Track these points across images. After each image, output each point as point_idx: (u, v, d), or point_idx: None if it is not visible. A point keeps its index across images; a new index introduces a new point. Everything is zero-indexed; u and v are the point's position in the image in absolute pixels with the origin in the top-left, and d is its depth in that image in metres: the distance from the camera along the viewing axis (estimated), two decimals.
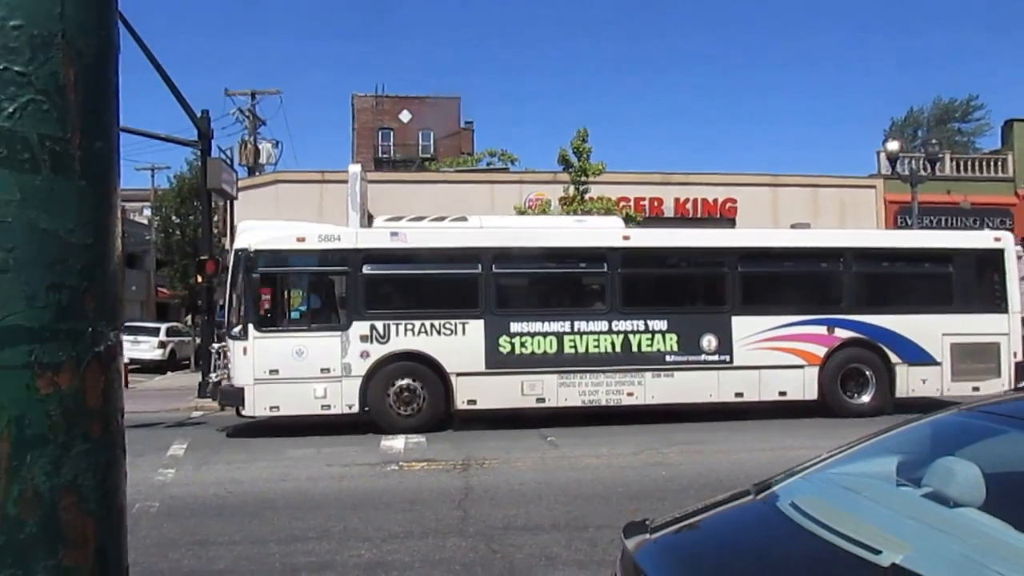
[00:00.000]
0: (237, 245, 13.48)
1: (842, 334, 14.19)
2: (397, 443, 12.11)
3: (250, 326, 12.73)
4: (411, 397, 13.09)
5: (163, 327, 32.21)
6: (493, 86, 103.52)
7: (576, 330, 13.57)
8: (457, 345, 13.18)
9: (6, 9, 0.85)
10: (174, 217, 39.89)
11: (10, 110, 0.86)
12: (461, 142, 55.10)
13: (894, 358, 14.24)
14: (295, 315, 13.97)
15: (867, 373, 14.23)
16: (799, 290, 14.88)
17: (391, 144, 55.42)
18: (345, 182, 14.68)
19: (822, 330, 14.16)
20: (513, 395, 13.41)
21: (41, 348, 0.87)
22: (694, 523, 3.47)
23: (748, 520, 3.44)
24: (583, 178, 23.68)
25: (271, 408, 12.85)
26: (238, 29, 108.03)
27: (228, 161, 24.24)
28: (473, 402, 13.33)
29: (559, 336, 13.49)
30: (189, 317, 36.89)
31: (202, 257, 19.39)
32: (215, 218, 26.38)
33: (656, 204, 29.31)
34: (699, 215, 29.68)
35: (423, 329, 13.15)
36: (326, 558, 6.64)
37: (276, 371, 12.72)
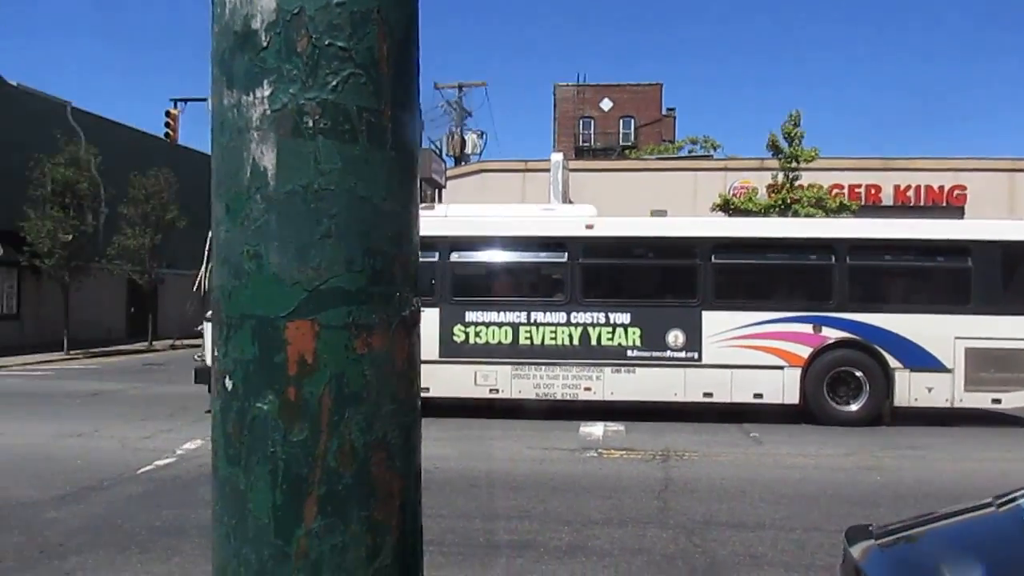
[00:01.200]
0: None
1: (831, 334, 12.90)
2: (596, 430, 12.17)
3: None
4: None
5: None
6: (696, 71, 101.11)
7: (532, 321, 13.17)
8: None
9: None
10: None
11: (333, 83, 0.92)
12: (662, 129, 54.31)
13: (893, 362, 12.75)
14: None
15: (859, 377, 12.87)
16: (781, 284, 13.67)
17: (592, 132, 55.59)
18: (547, 171, 14.83)
19: (807, 328, 12.94)
20: (466, 385, 13.22)
21: (358, 310, 0.93)
22: (926, 532, 3.22)
23: (991, 533, 3.13)
24: (793, 165, 22.63)
25: None
26: (445, 20, 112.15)
27: (437, 152, 25.26)
28: (426, 390, 12.74)
29: (514, 327, 13.18)
30: None
31: None
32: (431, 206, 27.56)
33: (873, 192, 27.52)
34: (922, 203, 27.53)
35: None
36: (527, 538, 6.78)
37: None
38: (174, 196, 31.76)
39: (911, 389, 12.77)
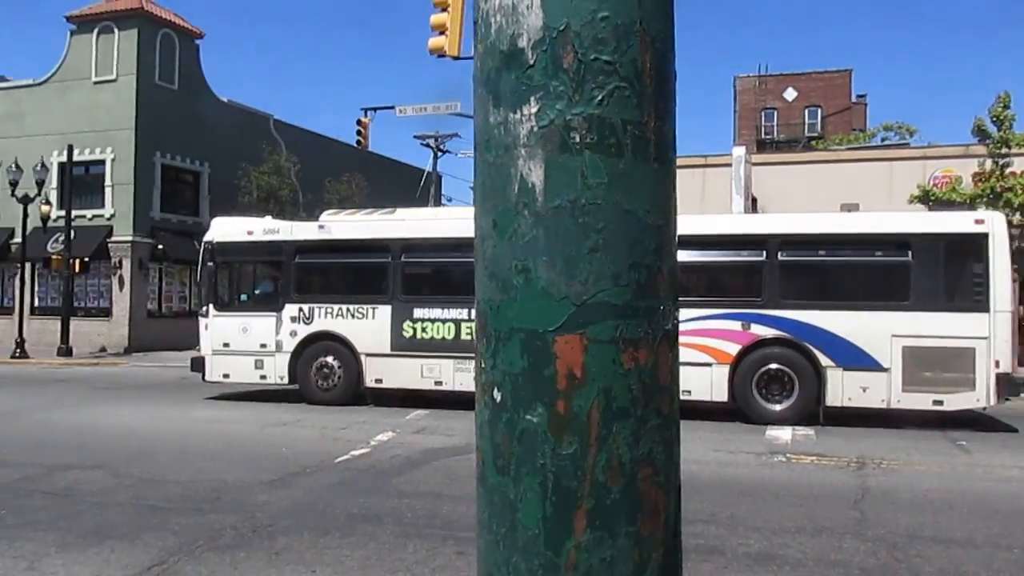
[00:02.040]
0: (204, 238, 15.46)
1: (760, 331, 12.61)
2: (784, 434, 11.71)
3: (210, 306, 15.08)
4: (329, 373, 14.52)
5: None
6: (889, 55, 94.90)
7: (472, 318, 12.37)
8: (368, 328, 14.24)
9: (595, 2, 0.92)
10: None
11: (599, 98, 0.93)
12: (852, 118, 51.38)
13: (824, 360, 12.30)
14: (243, 297, 15.64)
15: (790, 375, 12.47)
16: (709, 281, 13.48)
17: (774, 124, 53.46)
18: (728, 166, 14.37)
19: (735, 326, 12.72)
20: (414, 377, 14.06)
21: (624, 324, 0.94)
22: None
23: None
24: (1004, 150, 20.77)
25: (224, 376, 15.03)
26: None
27: None
28: (380, 381, 14.34)
29: (456, 323, 13.79)
30: None
31: None
32: None
33: None
34: None
35: (340, 312, 14.44)
36: (714, 543, 6.61)
37: (228, 344, 14.86)
38: (364, 199, 33.50)
39: (844, 388, 12.33)
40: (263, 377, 14.99)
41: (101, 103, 28.81)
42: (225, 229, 15.59)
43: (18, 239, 27.23)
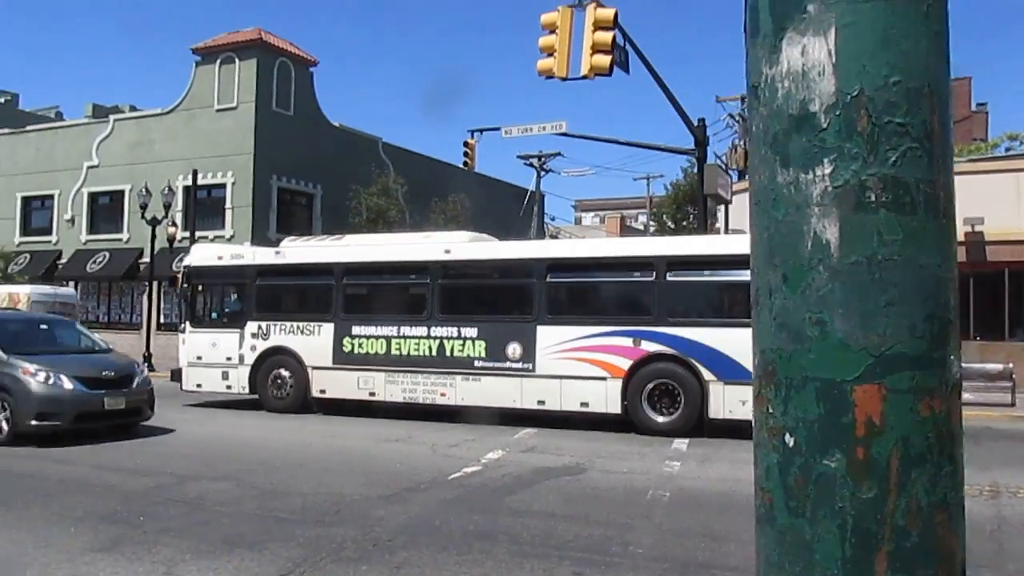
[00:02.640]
0: (183, 262, 17.32)
1: (649, 347, 13.36)
2: None
3: (186, 323, 16.77)
4: (282, 384, 15.88)
5: None
6: (1010, 61, 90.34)
7: (401, 335, 15.00)
8: (314, 343, 15.60)
9: (887, 68, 0.97)
10: (670, 223, 42.01)
11: (893, 159, 0.98)
12: (972, 127, 49.06)
13: (707, 375, 12.93)
14: (214, 316, 17.12)
15: (676, 388, 13.15)
16: (605, 301, 14.64)
17: None
18: None
19: (627, 342, 13.51)
20: (352, 388, 15.35)
21: (920, 374, 0.99)
22: None
23: None
24: None
25: (197, 385, 16.64)
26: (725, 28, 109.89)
27: (723, 166, 24.80)
28: (324, 392, 15.70)
29: (387, 339, 15.06)
30: None
31: None
32: (714, 222, 27.14)
33: None
34: None
35: (292, 329, 15.86)
36: None
37: (200, 357, 16.52)
38: (469, 220, 34.02)
39: (725, 402, 12.83)
40: (229, 387, 16.45)
41: (223, 130, 30.29)
42: (200, 255, 17.65)
43: (147, 259, 28.80)
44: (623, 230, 58.51)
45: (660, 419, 13.33)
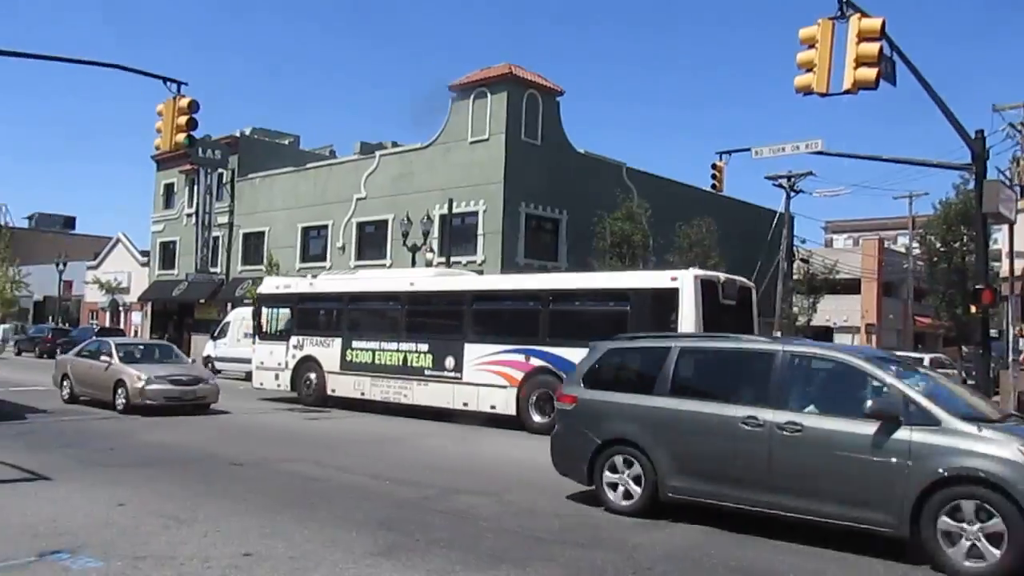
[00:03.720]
0: (257, 291, 23.86)
1: (535, 362, 16.35)
2: None
3: (256, 336, 22.49)
4: (309, 384, 20.66)
5: (926, 357, 31.25)
6: None
7: (381, 348, 19.19)
8: (329, 354, 20.23)
9: None
10: (938, 244, 38.54)
11: None
12: None
13: None
14: (272, 331, 21.97)
15: (552, 397, 14.61)
16: (509, 324, 17.54)
17: None
18: None
19: (521, 358, 16.54)
20: (350, 389, 19.75)
21: None
22: None
23: None
24: None
25: (260, 384, 21.98)
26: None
27: (1007, 182, 22.36)
28: (334, 391, 20.11)
29: (372, 352, 19.35)
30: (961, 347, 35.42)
31: (977, 286, 18.29)
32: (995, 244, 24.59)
33: None
34: None
35: (317, 343, 20.63)
36: None
37: (263, 363, 21.91)
38: (715, 244, 33.26)
39: None
40: (279, 386, 21.33)
41: (476, 160, 31.91)
42: (267, 285, 23.42)
43: None
44: (881, 252, 54.55)
45: (540, 420, 16.26)
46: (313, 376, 20.63)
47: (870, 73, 13.50)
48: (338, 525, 8.04)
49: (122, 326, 50.40)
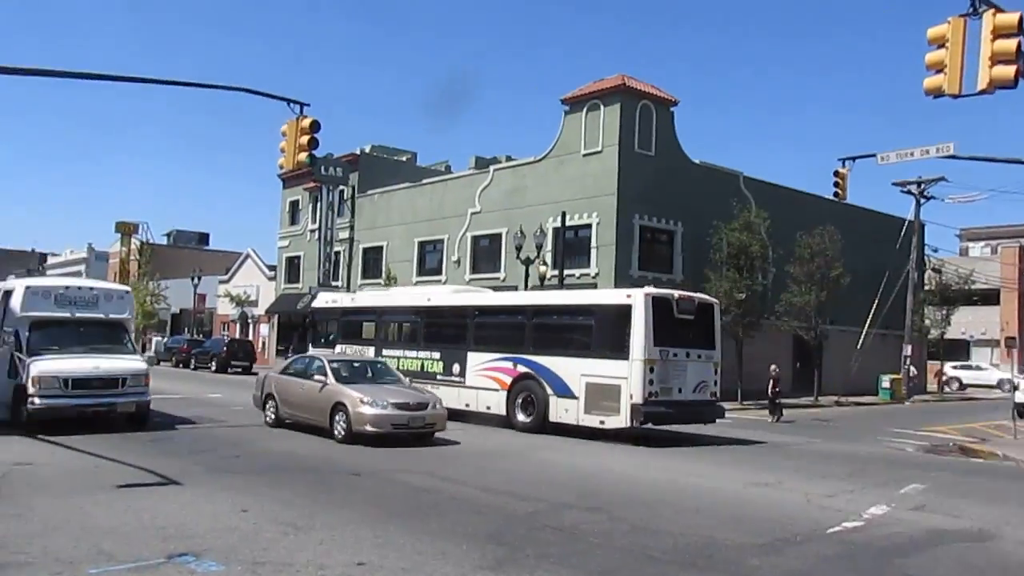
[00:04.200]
0: (311, 305, 27.09)
1: (521, 369, 18.77)
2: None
3: (310, 344, 24.83)
4: None
5: None
6: None
7: (405, 355, 21.96)
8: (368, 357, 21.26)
9: None
10: None
11: None
12: None
13: (548, 390, 18.06)
14: (324, 340, 24.52)
15: (533, 399, 18.31)
16: (501, 335, 20.23)
17: None
18: None
19: (510, 365, 19.00)
20: None
21: None
22: None
23: None
24: None
25: None
26: None
27: None
28: None
29: (398, 358, 21.64)
30: None
31: None
32: None
33: None
34: None
35: (357, 349, 22.91)
36: None
37: None
38: (838, 254, 32.00)
39: (557, 410, 17.86)
40: None
41: (589, 173, 31.83)
42: (319, 299, 26.47)
43: None
44: (1022, 260, 51.23)
45: (524, 419, 18.53)
46: None
47: (1008, 71, 12.67)
48: (448, 537, 8.09)
49: (251, 337, 52.72)
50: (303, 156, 16.65)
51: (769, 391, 25.17)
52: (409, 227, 40.55)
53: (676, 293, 18.08)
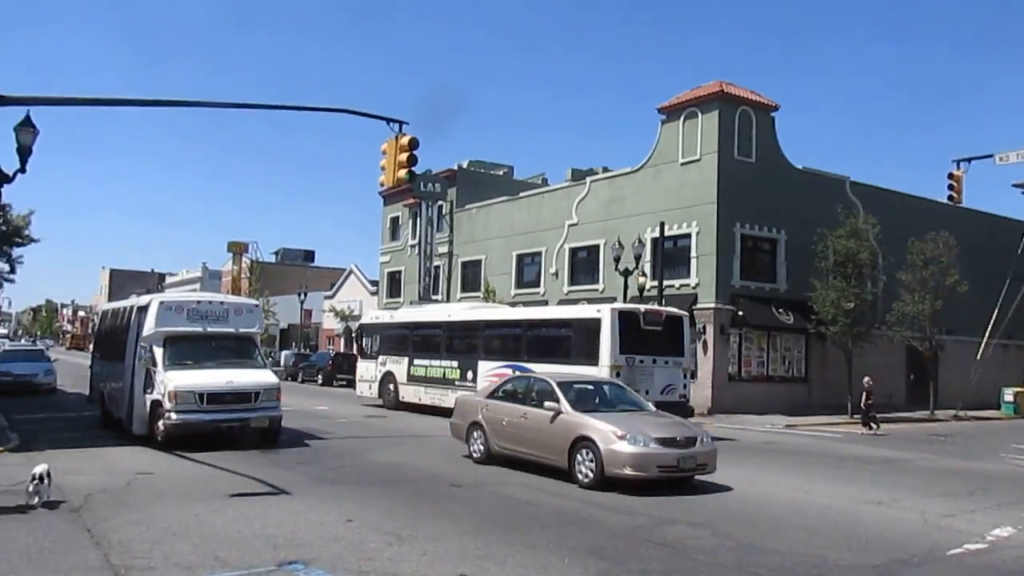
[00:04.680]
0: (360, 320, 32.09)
1: (512, 375, 18.80)
2: None
3: (359, 356, 30.24)
4: (387, 392, 27.36)
5: None
6: None
7: (431, 364, 25.56)
8: (401, 369, 26.76)
9: None
10: None
11: None
12: None
13: None
14: (370, 351, 28.90)
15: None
16: (504, 345, 23.42)
17: None
18: None
19: (510, 372, 20.29)
20: (412, 396, 26.09)
21: None
22: None
23: None
24: None
25: (361, 393, 29.09)
26: None
27: None
28: (404, 398, 26.42)
29: (426, 367, 25.73)
30: None
31: None
32: None
33: None
34: None
35: (394, 361, 27.21)
36: None
37: (362, 376, 29.30)
38: (954, 260, 30.52)
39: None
40: (371, 395, 28.15)
41: (687, 182, 31.35)
42: (365, 316, 31.40)
43: None
44: None
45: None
46: (391, 386, 27.25)
47: None
48: (550, 551, 8.07)
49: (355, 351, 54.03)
50: (403, 173, 16.98)
51: (862, 403, 24.87)
52: (507, 240, 40.83)
53: (643, 307, 20.68)
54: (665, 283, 28.53)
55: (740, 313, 29.95)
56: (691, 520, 9.90)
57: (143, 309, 16.38)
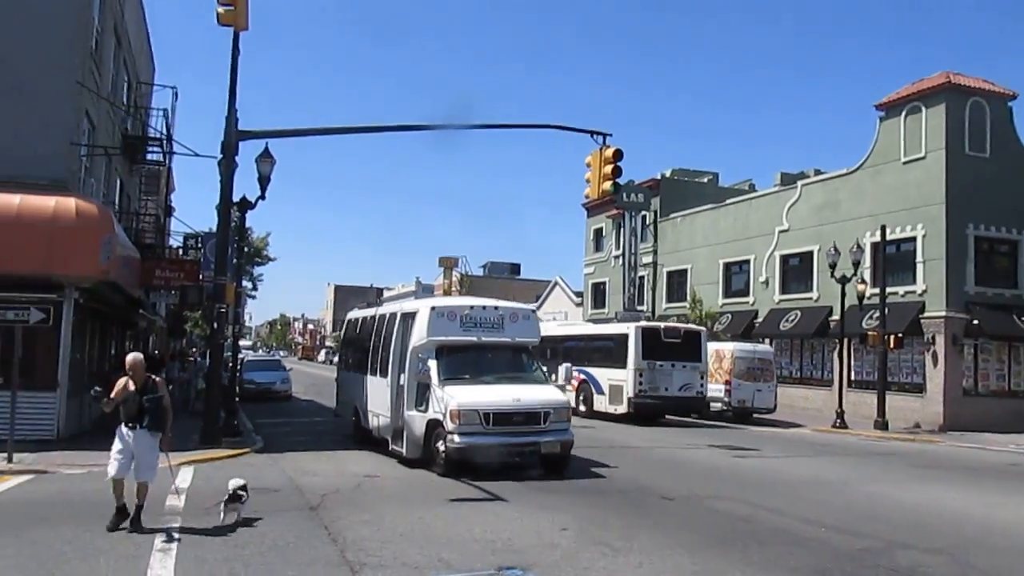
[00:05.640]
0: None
1: (580, 376, 26.50)
2: None
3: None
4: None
5: None
6: None
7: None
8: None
9: None
10: None
11: None
12: None
13: (594, 390, 27.09)
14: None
15: (587, 396, 27.36)
16: (575, 354, 27.25)
17: None
18: None
19: (575, 372, 22.66)
20: None
21: None
22: None
23: None
24: None
25: None
26: None
27: None
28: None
29: None
30: None
31: None
32: None
33: None
34: None
35: None
36: None
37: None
38: None
39: (597, 402, 26.90)
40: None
41: (910, 181, 29.23)
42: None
43: (836, 316, 29.20)
44: None
45: (582, 409, 26.72)
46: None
47: None
48: (771, 570, 7.81)
49: None
50: (608, 185, 17.06)
51: None
52: (713, 249, 39.88)
53: (663, 325, 28.27)
54: (888, 290, 26.73)
55: (975, 322, 27.47)
56: (927, 546, 9.18)
57: (410, 316, 14.97)
